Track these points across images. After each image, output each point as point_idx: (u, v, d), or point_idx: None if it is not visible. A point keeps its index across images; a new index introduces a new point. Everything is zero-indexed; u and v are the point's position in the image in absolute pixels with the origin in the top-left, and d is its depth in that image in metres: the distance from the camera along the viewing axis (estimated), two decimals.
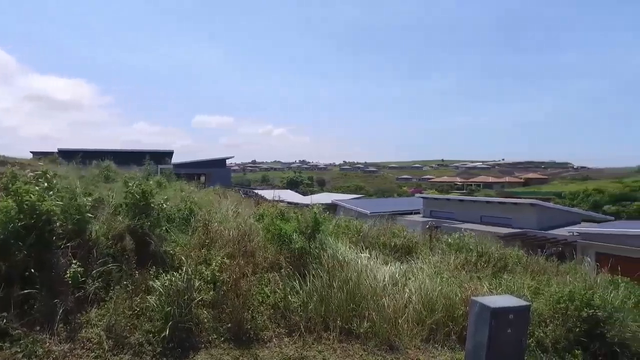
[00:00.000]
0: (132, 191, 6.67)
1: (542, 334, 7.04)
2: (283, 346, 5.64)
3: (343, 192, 76.10)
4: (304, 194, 60.41)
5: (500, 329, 5.30)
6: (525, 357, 6.88)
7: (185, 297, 5.26)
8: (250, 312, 5.91)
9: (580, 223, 26.56)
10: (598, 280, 8.43)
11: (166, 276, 5.41)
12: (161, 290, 5.19)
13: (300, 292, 6.33)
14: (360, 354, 5.85)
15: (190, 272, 5.52)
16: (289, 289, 6.38)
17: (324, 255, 7.04)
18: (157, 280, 5.42)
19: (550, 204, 28.56)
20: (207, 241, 7.07)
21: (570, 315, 7.27)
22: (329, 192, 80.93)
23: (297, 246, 7.04)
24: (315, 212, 7.61)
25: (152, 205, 6.74)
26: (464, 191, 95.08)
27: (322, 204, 33.86)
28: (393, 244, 9.20)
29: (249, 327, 5.63)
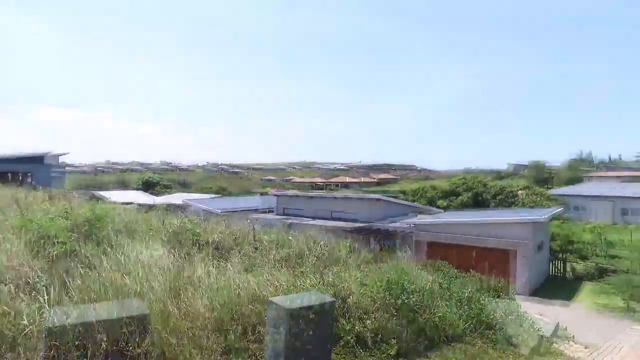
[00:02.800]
0: None
1: (361, 328, 6.64)
2: None
3: (205, 193, 72.35)
4: (157, 195, 55.42)
5: (300, 330, 4.50)
6: (343, 356, 6.40)
7: None
8: None
9: (417, 215, 29.25)
10: (415, 267, 8.50)
11: None
12: None
13: None
14: None
15: None
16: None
17: (99, 258, 5.45)
18: None
19: (392, 199, 30.97)
20: None
21: (388, 304, 7.08)
22: (191, 193, 76.32)
23: (60, 248, 5.30)
24: (94, 207, 5.94)
25: None
26: (324, 190, 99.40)
27: (173, 204, 30.71)
28: (211, 241, 8.01)
29: None
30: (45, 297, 4.72)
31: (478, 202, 46.26)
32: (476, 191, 48.04)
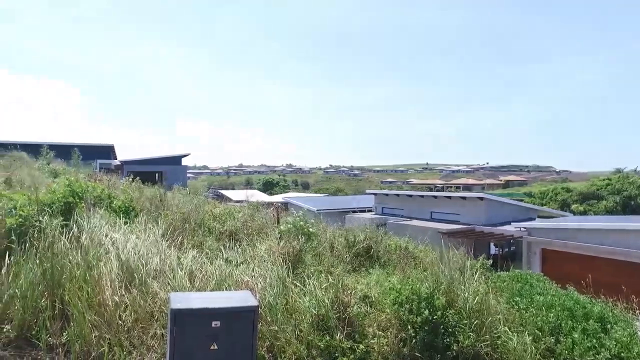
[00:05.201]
0: None
1: (365, 349, 5.05)
2: None
3: (320, 194, 74.28)
4: (271, 194, 58.46)
5: (195, 339, 3.32)
6: None
7: None
8: None
9: (535, 219, 24.81)
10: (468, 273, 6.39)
11: None
12: None
13: None
14: None
15: None
16: None
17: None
18: None
19: (501, 198, 26.64)
20: None
21: (409, 320, 5.31)
22: (311, 193, 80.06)
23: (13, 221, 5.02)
24: (69, 179, 5.57)
25: None
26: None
27: (279, 202, 31.65)
28: (218, 228, 7.23)
29: None
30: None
31: (629, 208, 37.57)
32: (627, 194, 39.20)
